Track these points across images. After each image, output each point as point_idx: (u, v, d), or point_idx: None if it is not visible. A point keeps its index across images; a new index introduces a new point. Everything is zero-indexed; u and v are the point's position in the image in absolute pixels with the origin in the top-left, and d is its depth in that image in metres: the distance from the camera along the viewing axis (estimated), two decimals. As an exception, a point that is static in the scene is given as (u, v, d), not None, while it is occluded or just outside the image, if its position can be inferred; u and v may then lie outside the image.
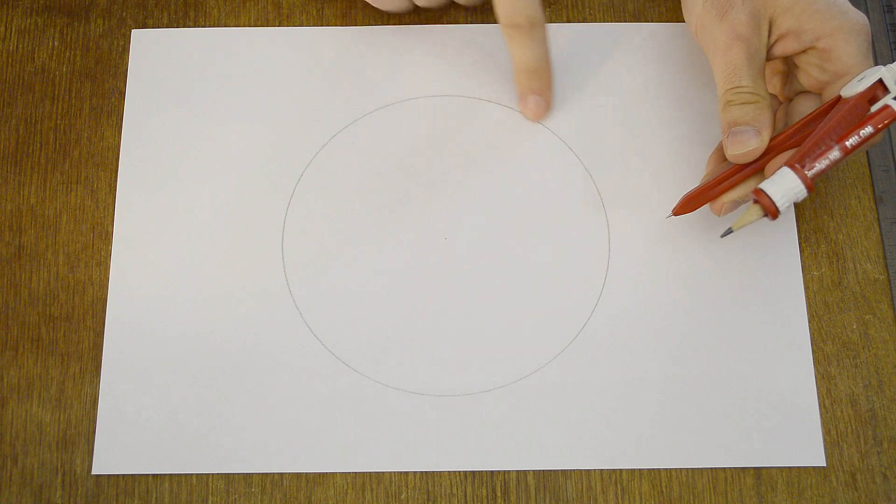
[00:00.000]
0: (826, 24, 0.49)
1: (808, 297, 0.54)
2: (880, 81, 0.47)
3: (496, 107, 0.57)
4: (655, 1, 0.59)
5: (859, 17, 0.50)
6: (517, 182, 0.56)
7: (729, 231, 0.50)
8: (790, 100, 0.53)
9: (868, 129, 0.44)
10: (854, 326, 0.53)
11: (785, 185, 0.47)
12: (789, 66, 0.53)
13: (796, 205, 0.55)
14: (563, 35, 0.58)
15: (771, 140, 0.50)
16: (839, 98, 0.49)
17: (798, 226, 0.55)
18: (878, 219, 0.55)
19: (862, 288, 0.54)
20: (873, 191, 0.56)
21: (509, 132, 0.57)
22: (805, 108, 0.52)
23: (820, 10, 0.49)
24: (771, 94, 0.52)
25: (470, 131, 0.57)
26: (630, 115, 0.57)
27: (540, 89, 0.56)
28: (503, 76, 0.58)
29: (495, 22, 0.58)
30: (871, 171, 0.56)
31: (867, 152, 0.56)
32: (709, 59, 0.51)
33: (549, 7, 0.59)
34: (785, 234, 0.55)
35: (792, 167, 0.47)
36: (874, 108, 0.47)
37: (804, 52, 0.50)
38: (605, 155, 0.56)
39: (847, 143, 0.45)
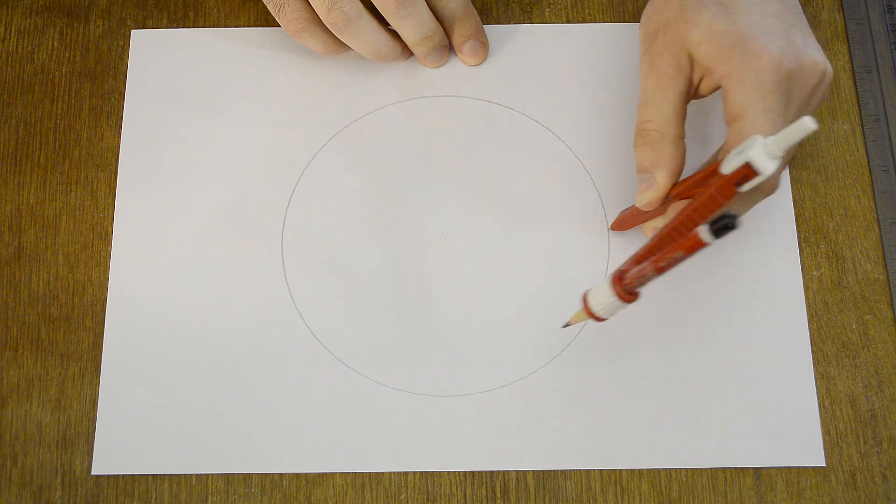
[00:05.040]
0: (727, 63, 0.45)
1: (807, 298, 0.54)
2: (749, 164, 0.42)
3: (496, 107, 0.57)
4: (655, 1, 0.59)
5: (768, 54, 0.45)
6: (517, 182, 0.56)
7: (567, 324, 0.50)
8: None
9: (679, 255, 0.42)
10: (853, 327, 0.53)
11: (603, 298, 0.46)
12: None
13: (796, 205, 0.55)
14: (563, 35, 0.58)
15: (679, 185, 0.48)
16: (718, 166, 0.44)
17: (798, 226, 0.55)
18: (878, 219, 0.55)
19: (861, 288, 0.54)
20: (873, 191, 0.56)
21: (509, 132, 0.57)
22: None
23: (724, 48, 0.46)
24: None
25: (470, 131, 0.57)
26: (630, 115, 0.57)
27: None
28: (503, 76, 0.58)
29: (495, 22, 0.59)
30: (870, 171, 0.56)
31: (867, 152, 0.56)
32: None
33: (549, 7, 0.59)
34: (785, 234, 0.55)
35: (612, 281, 0.45)
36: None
37: (719, 91, 0.47)
38: (605, 155, 0.56)
39: (662, 265, 0.43)
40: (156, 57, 0.58)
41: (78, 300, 0.54)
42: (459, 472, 0.51)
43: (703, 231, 0.40)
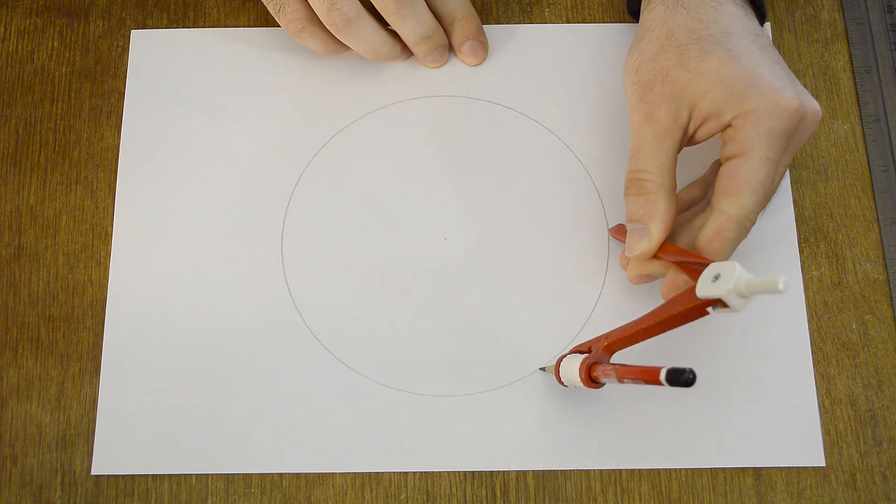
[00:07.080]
0: (741, 105, 0.46)
1: (807, 298, 0.54)
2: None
3: (496, 107, 0.57)
4: (655, 1, 0.59)
5: (784, 99, 0.46)
6: (517, 182, 0.56)
7: (542, 369, 0.52)
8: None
9: (640, 381, 0.43)
10: (853, 326, 0.53)
11: (571, 374, 0.47)
12: None
13: (796, 205, 0.55)
14: (563, 35, 0.58)
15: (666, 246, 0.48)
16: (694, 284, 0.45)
17: (798, 226, 0.55)
18: (878, 219, 0.55)
19: (861, 288, 0.54)
20: (873, 191, 0.56)
21: (509, 132, 0.57)
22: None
23: (738, 92, 0.46)
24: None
25: (470, 131, 0.57)
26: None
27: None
28: (503, 76, 0.58)
29: (495, 22, 0.59)
30: (870, 171, 0.56)
31: (867, 152, 0.56)
32: None
33: (549, 7, 0.59)
34: (785, 234, 0.55)
35: (582, 366, 0.47)
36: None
37: (724, 130, 0.48)
38: (605, 155, 0.56)
39: (624, 380, 0.44)
40: (155, 57, 0.58)
41: (78, 300, 0.54)
42: (459, 472, 0.51)
43: (663, 373, 0.42)
